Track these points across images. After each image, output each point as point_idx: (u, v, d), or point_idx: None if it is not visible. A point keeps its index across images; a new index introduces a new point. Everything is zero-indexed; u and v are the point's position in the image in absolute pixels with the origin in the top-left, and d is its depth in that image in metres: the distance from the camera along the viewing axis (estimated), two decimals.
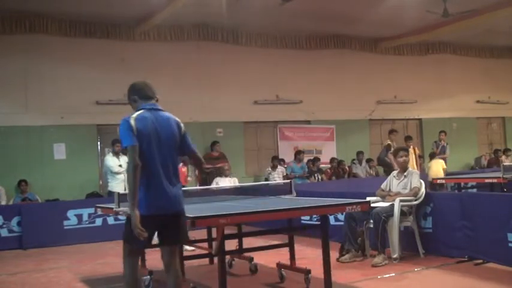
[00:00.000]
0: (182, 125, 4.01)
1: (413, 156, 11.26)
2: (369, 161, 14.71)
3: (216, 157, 12.60)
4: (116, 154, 10.25)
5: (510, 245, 5.52)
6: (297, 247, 5.79)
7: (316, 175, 13.46)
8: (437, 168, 12.63)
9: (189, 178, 10.28)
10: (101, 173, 12.11)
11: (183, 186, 5.65)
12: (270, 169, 13.19)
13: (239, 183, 10.28)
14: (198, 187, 9.49)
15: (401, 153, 7.01)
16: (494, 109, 17.58)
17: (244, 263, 6.33)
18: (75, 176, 11.85)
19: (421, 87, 16.16)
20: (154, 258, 6.74)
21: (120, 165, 10.02)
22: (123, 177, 9.73)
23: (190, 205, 5.55)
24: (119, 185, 9.84)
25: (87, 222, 9.47)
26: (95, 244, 8.98)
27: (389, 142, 11.71)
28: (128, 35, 12.50)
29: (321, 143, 15.02)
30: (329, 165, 14.31)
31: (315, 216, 7.12)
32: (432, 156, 13.32)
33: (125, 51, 12.56)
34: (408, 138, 12.64)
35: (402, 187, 6.73)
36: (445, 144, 13.39)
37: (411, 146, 11.49)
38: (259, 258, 6.47)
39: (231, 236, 5.36)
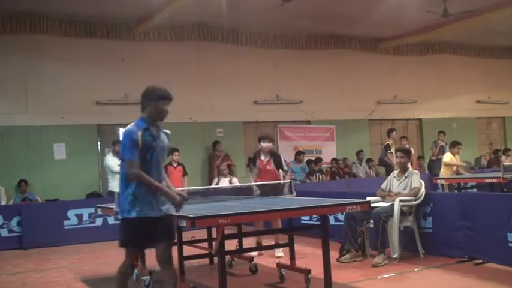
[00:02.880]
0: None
1: None
2: (368, 161, 14.70)
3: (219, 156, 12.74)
4: (116, 154, 10.22)
5: (510, 245, 5.52)
6: (297, 247, 5.79)
7: (317, 174, 13.46)
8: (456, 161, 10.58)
9: None
10: (101, 173, 12.12)
11: None
12: None
13: (239, 183, 10.27)
14: (198, 187, 9.48)
15: (398, 154, 7.08)
16: (494, 109, 17.57)
17: (244, 263, 6.33)
18: (75, 176, 11.84)
19: (421, 87, 16.15)
20: (154, 259, 6.75)
21: (120, 165, 10.00)
22: None
23: (190, 205, 5.55)
24: (118, 185, 9.80)
25: (87, 222, 9.47)
26: (95, 244, 8.97)
27: (388, 142, 11.70)
28: (128, 35, 12.48)
29: (321, 143, 15.00)
30: (329, 165, 14.28)
31: (315, 216, 7.11)
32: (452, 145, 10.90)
33: (125, 51, 12.55)
34: (403, 138, 12.60)
35: (403, 188, 6.72)
36: (444, 145, 13.38)
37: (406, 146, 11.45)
38: (259, 258, 6.48)
39: (231, 236, 5.36)
